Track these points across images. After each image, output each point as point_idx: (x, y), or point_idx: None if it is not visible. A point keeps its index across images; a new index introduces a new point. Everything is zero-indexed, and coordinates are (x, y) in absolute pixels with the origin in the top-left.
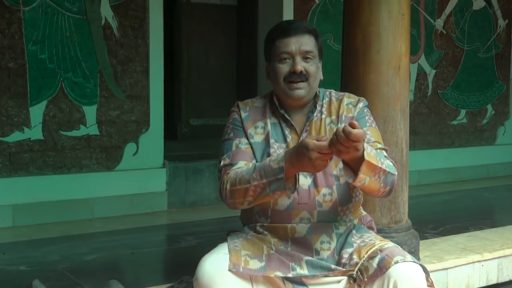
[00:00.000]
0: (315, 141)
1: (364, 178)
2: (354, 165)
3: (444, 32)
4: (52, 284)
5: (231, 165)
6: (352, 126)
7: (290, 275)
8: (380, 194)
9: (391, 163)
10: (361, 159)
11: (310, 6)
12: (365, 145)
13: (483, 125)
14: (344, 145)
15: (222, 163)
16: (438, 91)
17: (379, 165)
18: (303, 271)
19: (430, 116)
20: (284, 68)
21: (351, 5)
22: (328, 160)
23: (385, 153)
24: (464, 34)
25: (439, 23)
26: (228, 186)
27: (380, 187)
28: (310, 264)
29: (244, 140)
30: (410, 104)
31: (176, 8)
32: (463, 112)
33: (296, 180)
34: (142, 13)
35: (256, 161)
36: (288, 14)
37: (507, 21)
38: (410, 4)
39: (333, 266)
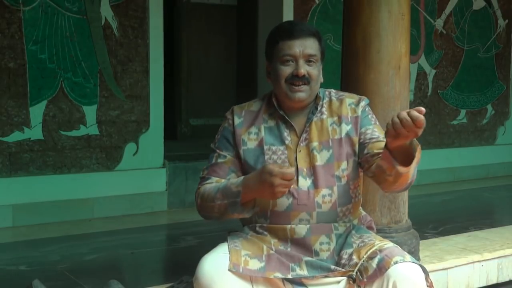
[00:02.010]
0: (278, 168)
1: (413, 167)
2: (399, 153)
3: (444, 32)
4: (52, 284)
5: (205, 179)
6: (419, 112)
7: (289, 276)
8: (405, 186)
9: None
10: (410, 147)
11: (310, 6)
12: None
13: (483, 125)
14: (407, 130)
15: (201, 174)
16: (438, 91)
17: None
18: (303, 272)
19: (430, 116)
20: (286, 70)
21: (351, 5)
22: (288, 188)
23: None
24: (464, 34)
25: (439, 23)
26: (199, 200)
27: (409, 178)
28: (309, 265)
29: (224, 153)
30: (410, 104)
31: (176, 8)
32: (463, 112)
33: (254, 205)
34: (142, 13)
35: (254, 167)
36: (288, 14)
37: (507, 21)
38: (410, 4)
39: (332, 267)
